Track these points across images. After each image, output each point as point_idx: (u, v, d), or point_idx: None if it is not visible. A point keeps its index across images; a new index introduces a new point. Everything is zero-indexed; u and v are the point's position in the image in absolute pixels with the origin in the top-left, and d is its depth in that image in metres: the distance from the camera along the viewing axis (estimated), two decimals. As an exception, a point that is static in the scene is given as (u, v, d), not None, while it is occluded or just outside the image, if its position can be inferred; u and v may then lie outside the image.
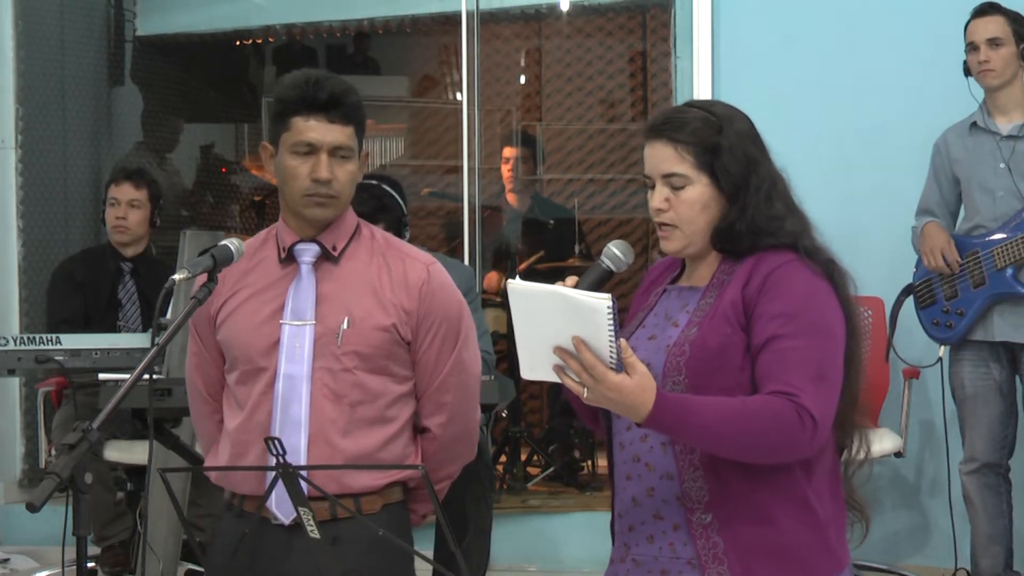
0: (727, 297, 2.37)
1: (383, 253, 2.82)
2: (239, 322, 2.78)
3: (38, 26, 6.25)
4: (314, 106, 2.70)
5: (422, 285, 2.79)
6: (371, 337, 2.74)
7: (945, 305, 4.60)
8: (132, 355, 4.09)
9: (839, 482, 2.45)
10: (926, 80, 5.08)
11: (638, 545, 2.44)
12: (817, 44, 5.27)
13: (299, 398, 2.71)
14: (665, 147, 2.41)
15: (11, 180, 6.08)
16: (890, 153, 5.12)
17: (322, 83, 2.71)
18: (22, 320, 6.02)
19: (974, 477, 4.58)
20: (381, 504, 2.77)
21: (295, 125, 2.72)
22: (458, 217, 5.98)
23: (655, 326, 2.46)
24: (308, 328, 2.73)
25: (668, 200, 2.41)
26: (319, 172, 2.70)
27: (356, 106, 2.75)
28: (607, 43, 8.37)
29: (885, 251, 5.08)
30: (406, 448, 2.82)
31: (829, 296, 2.37)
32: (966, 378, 4.60)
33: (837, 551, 2.41)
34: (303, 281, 2.76)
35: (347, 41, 8.48)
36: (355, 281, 2.77)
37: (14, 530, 5.83)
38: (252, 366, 2.76)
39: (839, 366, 2.35)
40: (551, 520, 5.60)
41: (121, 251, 5.29)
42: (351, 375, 2.73)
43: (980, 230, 4.54)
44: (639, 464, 2.41)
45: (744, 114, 2.49)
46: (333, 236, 2.79)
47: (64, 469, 2.24)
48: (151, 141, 7.16)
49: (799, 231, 2.41)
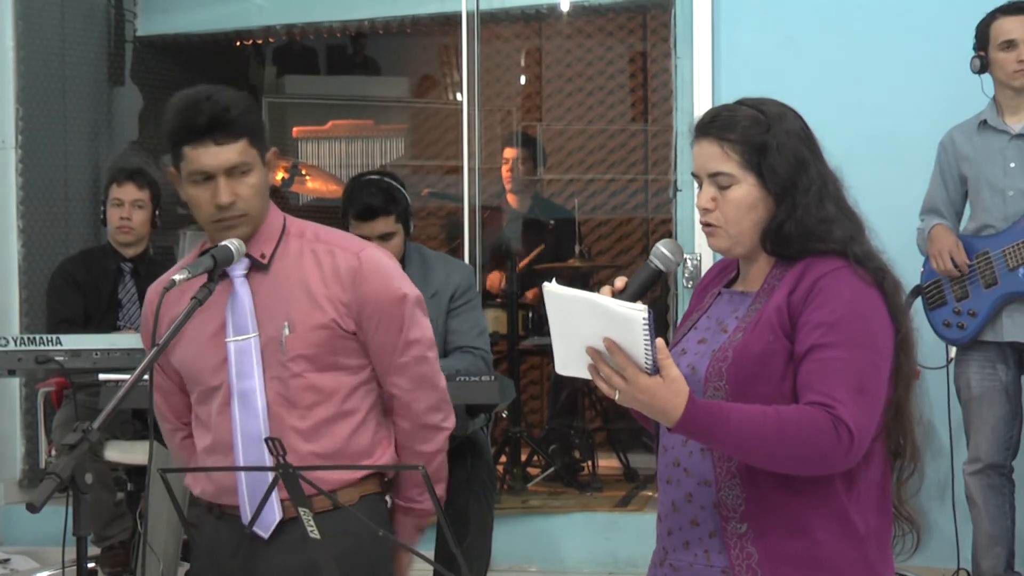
0: (773, 303, 2.33)
1: (312, 248, 2.80)
2: (185, 345, 2.78)
3: (38, 26, 6.25)
4: (198, 132, 2.66)
5: (354, 274, 2.76)
6: (312, 337, 2.73)
7: (956, 306, 4.58)
8: (132, 355, 4.10)
9: (886, 495, 2.40)
10: (927, 79, 5.08)
11: (675, 551, 2.40)
12: (817, 44, 5.27)
13: (256, 412, 2.72)
14: (712, 145, 2.37)
15: (11, 180, 6.08)
16: (890, 153, 5.12)
17: (200, 107, 2.66)
18: (22, 320, 6.02)
19: (977, 477, 4.57)
20: (358, 496, 2.79)
21: (186, 155, 2.69)
22: (458, 217, 5.98)
23: (707, 330, 2.43)
24: (252, 341, 2.73)
25: (715, 199, 2.38)
26: (219, 198, 2.68)
27: (241, 117, 2.69)
28: (607, 43, 8.37)
29: (887, 252, 5.07)
30: (376, 435, 2.82)
31: (877, 306, 2.32)
32: (972, 378, 4.58)
33: (876, 565, 2.36)
34: (238, 295, 2.75)
35: (347, 41, 8.48)
36: (288, 284, 2.76)
37: (14, 530, 5.83)
38: (206, 386, 2.78)
39: (882, 379, 2.29)
40: (551, 520, 5.59)
41: (121, 251, 5.29)
42: (302, 379, 2.74)
43: (989, 230, 4.51)
44: (679, 468, 2.39)
45: (796, 113, 2.44)
46: (259, 244, 2.77)
47: (64, 469, 2.24)
48: (146, 140, 7.15)
49: (849, 236, 2.36)
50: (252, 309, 2.74)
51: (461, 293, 4.20)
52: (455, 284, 4.20)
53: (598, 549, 5.40)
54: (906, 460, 2.41)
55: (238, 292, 2.75)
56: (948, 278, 4.58)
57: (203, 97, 2.67)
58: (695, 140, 2.41)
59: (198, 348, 2.77)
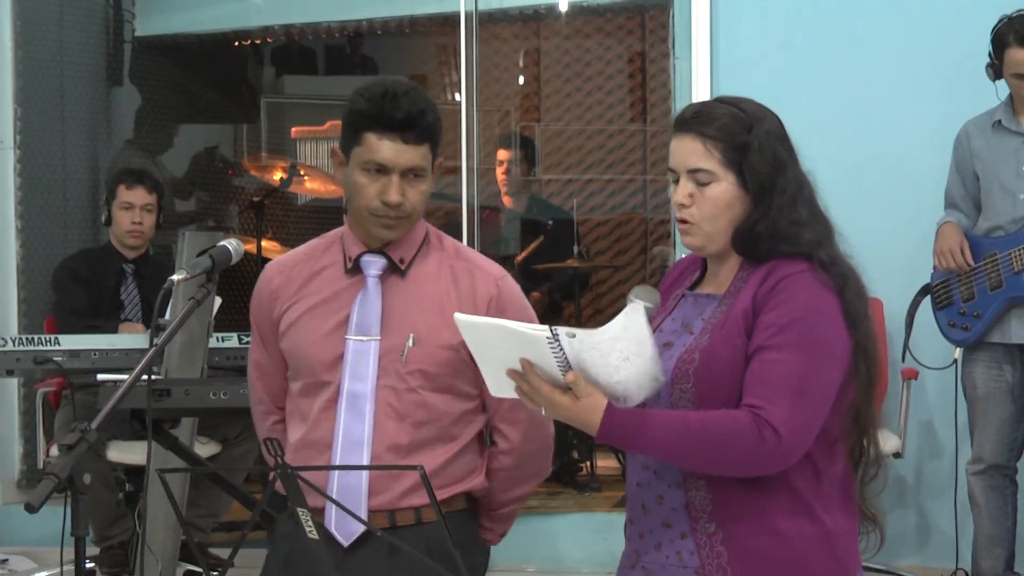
0: (739, 306, 2.33)
1: (451, 264, 2.74)
2: (303, 332, 2.71)
3: (37, 26, 6.24)
4: (389, 125, 2.60)
5: (490, 301, 2.71)
6: (437, 355, 2.67)
7: (962, 307, 4.57)
8: (131, 356, 4.09)
9: (851, 491, 2.42)
10: (926, 80, 5.08)
11: (647, 553, 2.41)
12: (815, 45, 5.27)
13: (362, 417, 2.65)
14: (693, 141, 2.36)
15: (9, 180, 6.07)
16: (890, 153, 5.12)
17: (399, 100, 2.60)
18: (20, 321, 6.02)
19: (980, 478, 4.56)
20: None
21: (367, 141, 2.62)
22: (457, 217, 5.98)
23: (672, 332, 2.43)
24: (373, 344, 2.67)
25: (692, 196, 2.37)
26: (389, 195, 2.63)
27: (433, 124, 2.65)
28: (606, 44, 8.37)
29: (884, 251, 5.07)
30: (471, 464, 2.76)
31: (833, 312, 2.31)
32: (978, 379, 4.57)
33: (845, 560, 2.37)
34: (369, 295, 2.69)
35: (345, 42, 8.48)
36: (422, 296, 2.70)
37: (12, 530, 5.82)
38: (315, 379, 2.70)
39: (828, 383, 2.29)
40: (549, 521, 5.59)
41: (124, 252, 5.30)
42: (415, 394, 2.67)
43: (998, 231, 4.49)
44: (648, 471, 2.40)
45: (774, 114, 2.44)
46: (401, 249, 2.72)
47: (62, 470, 2.24)
48: (144, 140, 7.15)
49: (817, 241, 2.36)
50: (380, 313, 2.68)
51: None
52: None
53: (596, 549, 5.40)
54: (868, 462, 2.42)
55: (369, 292, 2.70)
56: (957, 279, 4.57)
57: (402, 91, 2.62)
58: (675, 135, 2.40)
59: (316, 338, 2.70)
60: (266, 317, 2.77)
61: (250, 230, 7.28)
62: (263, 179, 7.50)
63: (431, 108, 2.66)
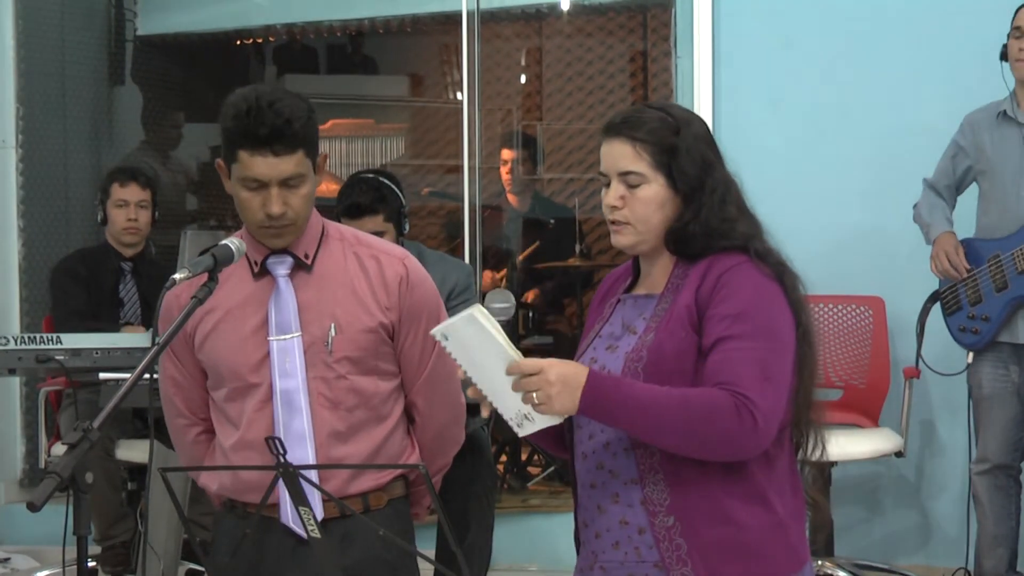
0: (682, 301, 2.39)
1: (355, 251, 2.81)
2: (221, 340, 2.76)
3: (39, 25, 6.24)
4: (256, 141, 2.62)
5: (400, 281, 2.79)
6: (359, 340, 2.75)
7: (970, 311, 4.55)
8: (132, 354, 4.09)
9: (798, 480, 2.48)
10: (928, 77, 5.07)
11: (605, 552, 2.45)
12: (817, 43, 5.26)
13: (299, 411, 2.71)
14: (623, 145, 2.43)
15: (11, 180, 6.08)
16: (890, 151, 5.12)
17: (263, 114, 2.61)
18: (22, 320, 6.02)
19: (985, 478, 4.55)
20: (386, 499, 2.81)
21: (241, 159, 2.65)
22: (458, 217, 5.98)
23: (612, 336, 2.48)
24: (295, 340, 2.72)
25: (623, 198, 2.44)
26: (270, 207, 2.66)
27: (301, 130, 2.65)
28: (608, 43, 8.36)
29: (884, 249, 5.08)
30: (403, 441, 2.86)
31: (778, 299, 2.39)
32: (984, 378, 4.55)
33: (797, 548, 2.43)
34: (282, 294, 2.74)
35: (347, 41, 8.48)
36: (333, 285, 2.76)
37: (15, 530, 5.83)
38: (242, 383, 2.75)
39: (786, 368, 2.36)
40: (551, 520, 5.59)
41: (121, 251, 5.30)
42: (345, 380, 2.75)
43: (1000, 230, 4.48)
44: (603, 471, 2.43)
45: (701, 118, 2.52)
46: (303, 244, 2.77)
47: (64, 469, 2.24)
48: (154, 140, 7.16)
49: (751, 233, 2.43)
50: (296, 308, 2.73)
51: (458, 292, 4.20)
52: (452, 283, 4.20)
53: (598, 548, 5.40)
54: (811, 448, 2.48)
55: (282, 291, 2.74)
56: (963, 283, 4.55)
57: (266, 104, 2.62)
58: (605, 139, 2.47)
59: (236, 344, 2.74)
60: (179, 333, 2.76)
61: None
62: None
63: (298, 113, 2.65)
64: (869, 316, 5.02)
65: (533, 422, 2.32)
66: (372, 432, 2.77)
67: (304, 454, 2.69)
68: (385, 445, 2.80)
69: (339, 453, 2.73)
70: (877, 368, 4.91)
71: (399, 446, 2.84)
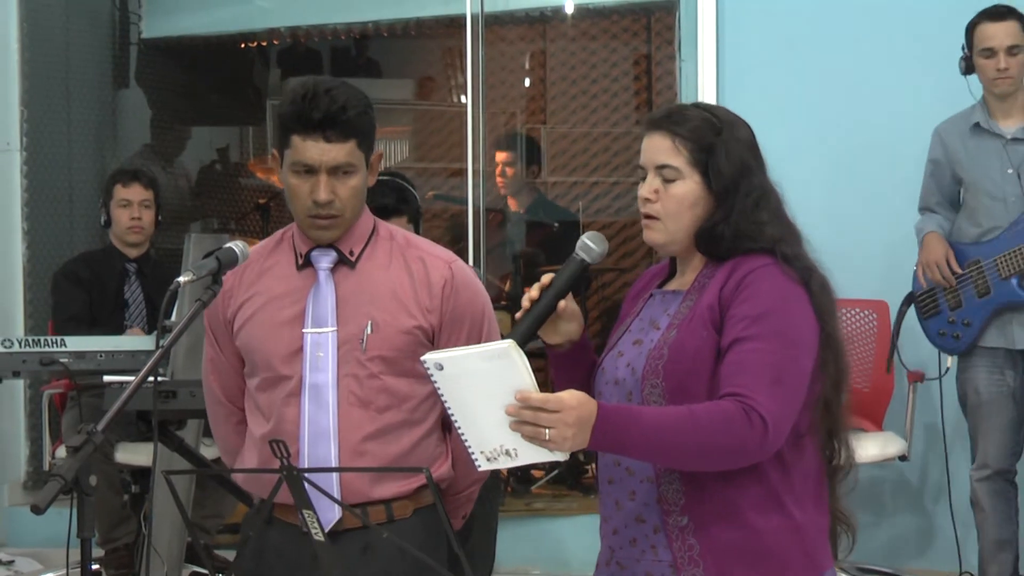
0: (705, 300, 2.38)
1: (403, 253, 2.78)
2: (258, 328, 2.74)
3: (43, 28, 6.26)
4: (310, 125, 2.63)
5: (444, 285, 2.76)
6: (395, 340, 2.71)
7: (951, 315, 4.56)
8: (137, 357, 4.10)
9: (822, 487, 2.44)
10: (929, 81, 5.07)
11: (622, 548, 2.44)
12: (820, 47, 5.27)
13: (326, 407, 2.68)
14: (663, 139, 2.43)
15: (16, 182, 6.09)
16: (894, 154, 5.12)
17: (318, 99, 2.62)
18: (27, 322, 6.03)
19: (986, 484, 4.55)
20: (412, 508, 2.75)
21: (293, 143, 2.65)
22: (463, 220, 5.98)
23: (640, 331, 2.47)
24: (330, 335, 2.70)
25: (657, 191, 2.43)
26: (318, 194, 2.66)
27: (356, 119, 2.66)
28: (612, 46, 8.36)
29: (888, 253, 5.07)
30: (436, 449, 2.79)
31: (801, 303, 2.36)
32: (981, 384, 4.55)
33: (815, 555, 2.40)
34: (322, 287, 2.73)
35: (351, 44, 8.48)
36: (375, 284, 2.74)
37: (18, 532, 5.83)
38: (273, 373, 2.72)
39: (801, 373, 2.33)
40: (555, 523, 5.59)
41: (126, 252, 5.31)
42: (378, 380, 2.70)
43: (993, 232, 4.48)
44: (620, 468, 2.43)
45: (747, 124, 2.50)
46: (350, 241, 2.76)
47: (68, 471, 2.24)
48: (159, 144, 7.17)
49: (779, 237, 2.41)
50: (334, 304, 2.71)
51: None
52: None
53: (602, 552, 5.40)
54: (840, 460, 2.45)
55: (322, 284, 2.73)
56: (942, 288, 4.56)
57: (323, 90, 2.64)
58: (647, 132, 2.46)
59: (271, 333, 2.72)
60: (219, 316, 2.79)
61: (256, 232, 7.29)
62: (268, 181, 7.50)
63: (354, 103, 2.66)
64: (873, 320, 5.02)
65: (514, 458, 2.22)
66: (402, 436, 2.72)
67: (327, 452, 2.66)
68: (415, 450, 2.73)
69: (365, 453, 2.67)
70: (881, 372, 4.91)
71: (431, 453, 2.77)
